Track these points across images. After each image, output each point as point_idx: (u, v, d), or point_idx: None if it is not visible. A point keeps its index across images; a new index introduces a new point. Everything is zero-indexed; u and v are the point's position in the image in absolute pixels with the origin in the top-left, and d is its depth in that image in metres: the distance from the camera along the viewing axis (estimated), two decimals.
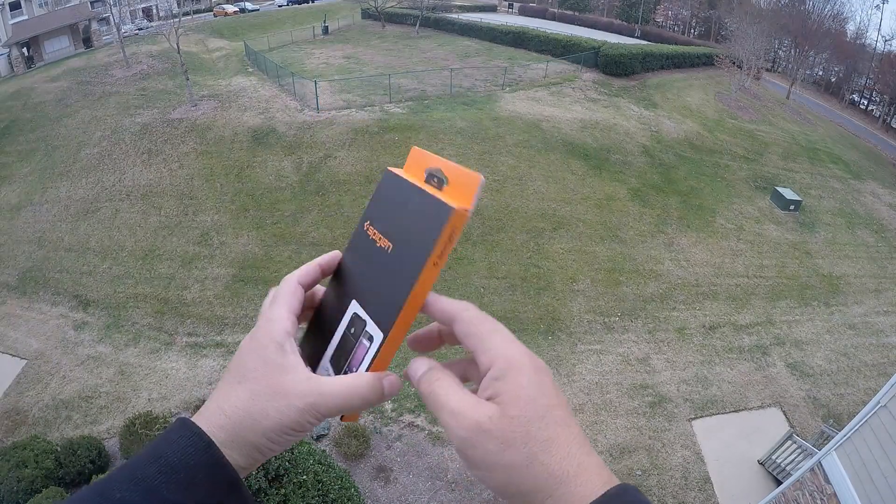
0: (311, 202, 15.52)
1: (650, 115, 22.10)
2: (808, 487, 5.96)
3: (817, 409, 11.23)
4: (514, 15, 46.36)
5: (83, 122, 20.38)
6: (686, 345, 12.53)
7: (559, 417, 0.46)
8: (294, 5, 45.91)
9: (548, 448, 0.45)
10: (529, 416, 0.45)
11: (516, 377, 0.47)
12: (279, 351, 0.51)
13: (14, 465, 8.01)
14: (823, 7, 41.88)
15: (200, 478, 0.44)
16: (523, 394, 0.46)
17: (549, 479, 0.44)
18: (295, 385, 0.50)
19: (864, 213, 20.38)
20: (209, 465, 0.45)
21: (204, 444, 0.46)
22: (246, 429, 0.48)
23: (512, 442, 0.44)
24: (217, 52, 29.00)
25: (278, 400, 0.49)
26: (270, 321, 0.53)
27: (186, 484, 0.43)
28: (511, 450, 0.44)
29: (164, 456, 0.44)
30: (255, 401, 0.49)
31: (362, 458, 9.26)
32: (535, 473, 0.44)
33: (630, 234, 15.68)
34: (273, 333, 0.52)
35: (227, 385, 0.51)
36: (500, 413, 0.45)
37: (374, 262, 0.55)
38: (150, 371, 11.37)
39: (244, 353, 0.52)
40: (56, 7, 32.34)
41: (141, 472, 0.43)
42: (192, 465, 0.44)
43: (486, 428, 0.45)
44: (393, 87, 20.74)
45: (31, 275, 14.36)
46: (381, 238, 0.55)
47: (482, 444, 0.45)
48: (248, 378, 0.50)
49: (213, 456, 0.45)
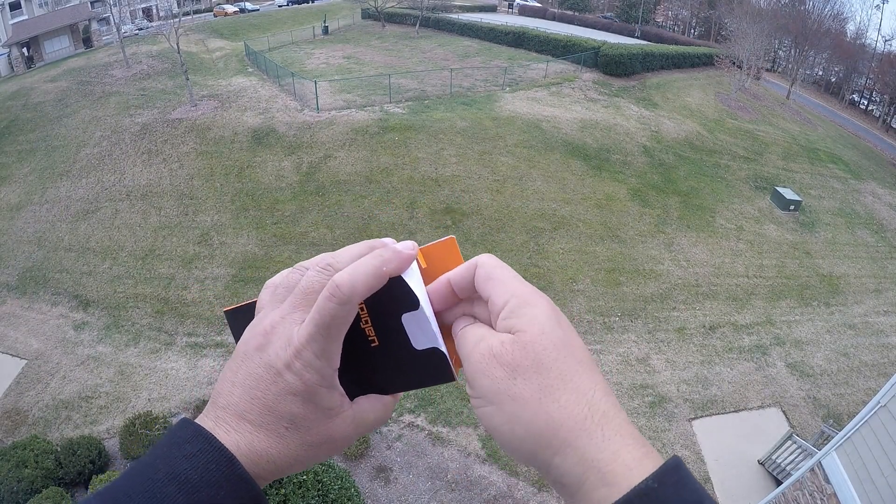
0: (311, 202, 15.52)
1: (650, 115, 22.11)
2: (808, 487, 5.96)
3: (817, 409, 11.23)
4: (514, 15, 46.36)
5: (83, 122, 20.39)
6: (686, 345, 12.53)
7: (578, 355, 0.42)
8: (294, 5, 45.90)
9: (564, 384, 0.40)
10: (543, 345, 0.41)
11: (531, 310, 0.43)
12: (329, 393, 0.46)
13: (14, 465, 8.01)
14: (823, 7, 41.90)
15: (223, 496, 0.40)
16: (537, 323, 0.42)
17: (565, 421, 0.38)
18: (343, 429, 0.47)
19: (864, 213, 20.38)
20: (232, 482, 0.41)
21: (226, 461, 0.41)
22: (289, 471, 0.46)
23: (523, 370, 0.40)
24: (217, 52, 29.00)
25: (327, 446, 0.47)
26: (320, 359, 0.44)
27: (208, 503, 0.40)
28: (521, 378, 0.40)
29: (184, 473, 0.40)
30: (307, 451, 0.46)
31: (362, 458, 9.26)
32: (548, 411, 0.39)
33: (630, 234, 15.68)
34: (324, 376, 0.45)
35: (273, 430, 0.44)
36: (512, 341, 0.42)
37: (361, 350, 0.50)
38: (150, 371, 11.37)
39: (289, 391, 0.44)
40: (56, 7, 32.34)
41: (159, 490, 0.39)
42: (213, 482, 0.40)
43: (496, 352, 0.41)
44: (393, 87, 20.74)
45: (30, 275, 14.36)
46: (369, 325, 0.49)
47: (490, 370, 0.41)
48: (298, 426, 0.45)
49: (237, 472, 0.41)
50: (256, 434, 0.44)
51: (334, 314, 0.43)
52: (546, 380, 0.39)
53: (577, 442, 0.38)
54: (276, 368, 0.44)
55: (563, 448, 0.38)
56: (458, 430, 9.89)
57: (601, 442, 0.38)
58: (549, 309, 0.44)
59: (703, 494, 0.36)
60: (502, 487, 8.96)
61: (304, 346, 0.44)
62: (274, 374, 0.44)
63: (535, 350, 0.40)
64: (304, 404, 0.45)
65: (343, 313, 0.44)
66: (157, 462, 0.41)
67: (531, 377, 0.40)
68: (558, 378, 0.40)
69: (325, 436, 0.46)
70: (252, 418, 0.44)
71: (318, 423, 0.46)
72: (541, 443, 0.39)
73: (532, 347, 0.41)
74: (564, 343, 0.41)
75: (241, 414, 0.44)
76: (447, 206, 15.26)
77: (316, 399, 0.45)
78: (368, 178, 15.93)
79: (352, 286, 0.43)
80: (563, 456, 0.38)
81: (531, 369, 0.40)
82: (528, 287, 0.46)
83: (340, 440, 0.47)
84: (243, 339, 0.47)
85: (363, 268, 0.44)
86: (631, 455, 0.37)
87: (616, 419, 0.39)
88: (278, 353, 0.44)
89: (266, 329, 0.46)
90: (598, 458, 0.37)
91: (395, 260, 0.46)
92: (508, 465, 9.31)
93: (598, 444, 0.37)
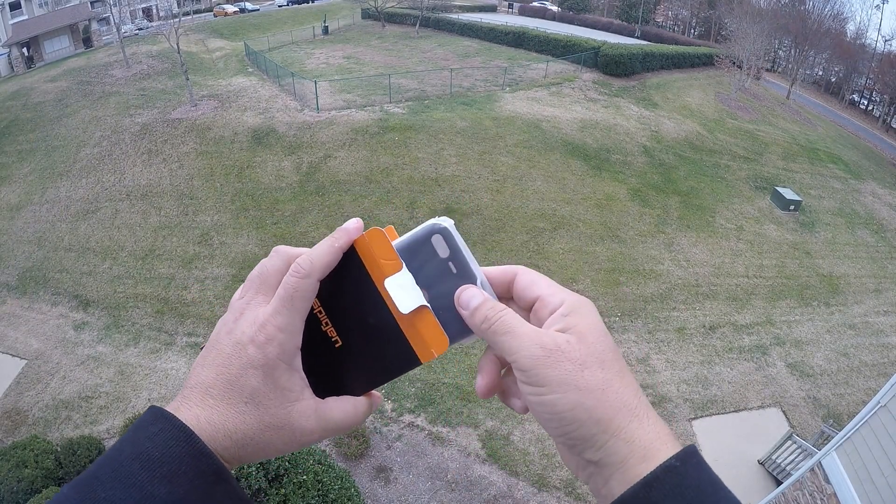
0: (311, 202, 15.52)
1: (650, 115, 22.11)
2: (808, 487, 5.96)
3: (817, 409, 11.23)
4: (514, 15, 46.36)
5: (83, 122, 20.39)
6: (686, 345, 12.53)
7: (621, 357, 0.49)
8: (294, 5, 45.91)
9: (620, 378, 0.47)
10: (604, 347, 0.48)
11: (588, 314, 0.50)
12: (289, 373, 0.49)
13: (14, 465, 8.00)
14: (823, 7, 41.90)
15: (184, 469, 0.43)
16: (596, 329, 0.49)
17: (622, 408, 0.45)
18: (303, 421, 0.49)
19: (864, 213, 20.38)
20: (193, 456, 0.43)
21: (185, 436, 0.44)
22: (248, 453, 0.48)
23: (589, 365, 0.46)
24: (217, 52, 29.00)
25: (286, 432, 0.49)
26: (284, 334, 0.49)
27: (170, 476, 0.42)
28: (588, 372, 0.46)
29: (147, 451, 0.43)
30: (263, 432, 0.48)
31: (362, 458, 9.26)
32: (610, 400, 0.45)
33: (630, 234, 15.68)
34: (285, 350, 0.49)
35: (231, 404, 0.47)
36: (576, 339, 0.48)
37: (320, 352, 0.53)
38: (150, 371, 11.37)
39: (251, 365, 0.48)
40: (56, 7, 32.35)
41: (124, 469, 0.42)
42: (174, 456, 0.43)
43: (565, 349, 0.47)
44: (393, 87, 20.74)
45: (31, 275, 14.36)
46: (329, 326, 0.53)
47: (559, 363, 0.46)
48: (256, 402, 0.48)
49: (196, 447, 0.44)
50: (217, 407, 0.47)
51: (296, 287, 0.49)
52: (607, 374, 0.47)
53: (630, 426, 0.45)
54: (241, 344, 0.48)
55: (618, 431, 0.45)
56: (458, 430, 9.89)
57: (647, 426, 0.46)
58: (598, 314, 0.51)
59: (716, 476, 0.44)
60: (502, 487, 8.96)
61: (268, 320, 0.48)
62: (240, 349, 0.48)
63: (598, 350, 0.48)
64: (264, 379, 0.48)
65: (304, 287, 0.49)
66: (123, 445, 0.44)
67: (596, 372, 0.46)
68: (616, 373, 0.47)
69: (283, 419, 0.48)
70: (215, 392, 0.47)
71: (277, 404, 0.48)
72: (600, 426, 0.45)
73: (595, 347, 0.48)
74: (614, 346, 0.50)
75: (207, 389, 0.48)
76: (447, 205, 15.26)
77: (275, 375, 0.48)
78: (368, 178, 15.93)
79: (310, 262, 0.50)
80: (616, 437, 0.45)
81: (595, 365, 0.47)
82: (574, 293, 0.53)
83: (300, 431, 0.49)
84: (215, 329, 0.51)
85: (319, 247, 0.51)
86: (662, 438, 0.45)
87: (651, 409, 0.47)
88: (244, 330, 0.49)
89: (235, 316, 0.50)
90: (643, 439, 0.45)
91: (344, 236, 0.52)
92: (508, 465, 9.32)
93: (644, 427, 0.45)
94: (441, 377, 10.93)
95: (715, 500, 0.43)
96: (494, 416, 10.14)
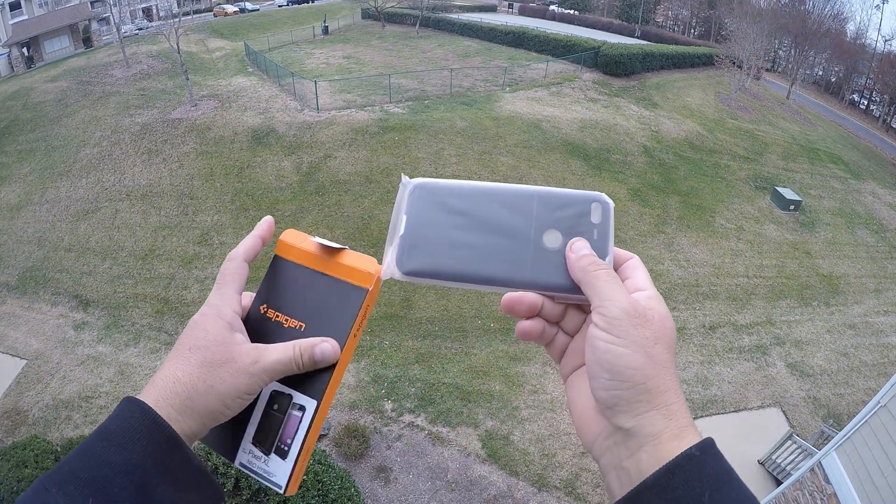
0: (311, 202, 15.52)
1: (650, 115, 22.11)
2: (808, 487, 5.96)
3: (817, 409, 11.23)
4: (514, 15, 46.37)
5: (83, 122, 20.39)
6: (686, 345, 12.53)
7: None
8: (294, 5, 45.91)
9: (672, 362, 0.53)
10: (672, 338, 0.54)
11: (665, 308, 0.55)
12: (227, 329, 0.57)
13: (14, 465, 8.00)
14: (823, 7, 41.89)
15: (138, 437, 0.48)
16: (670, 320, 0.55)
17: (671, 388, 0.50)
18: (244, 357, 0.56)
19: (863, 213, 20.38)
20: (146, 427, 0.49)
21: (141, 410, 0.50)
22: (200, 394, 0.53)
23: (661, 341, 0.52)
24: (217, 52, 29.00)
25: (230, 366, 0.55)
26: (219, 301, 0.59)
27: (125, 444, 0.47)
28: (659, 346, 0.51)
29: (107, 427, 0.49)
30: (208, 368, 0.54)
31: (362, 458, 9.26)
32: (665, 378, 0.50)
33: (630, 234, 15.68)
34: (222, 313, 0.57)
35: (179, 355, 0.55)
36: (659, 317, 0.53)
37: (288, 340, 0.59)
38: (150, 371, 11.36)
39: (194, 328, 0.56)
40: (56, 7, 32.35)
41: (88, 445, 0.47)
42: (129, 428, 0.48)
43: (650, 318, 0.52)
44: (393, 87, 20.74)
45: (30, 275, 14.36)
46: (288, 319, 0.60)
47: (641, 326, 0.51)
48: (199, 348, 0.55)
49: (149, 416, 0.49)
50: (169, 363, 0.55)
51: (226, 268, 0.61)
52: (668, 355, 0.52)
53: (672, 406, 0.50)
54: (194, 319, 0.58)
55: (661, 406, 0.49)
56: (458, 430, 9.89)
57: (684, 411, 0.50)
58: None
59: (731, 467, 0.48)
60: (502, 487, 8.96)
61: (210, 296, 0.60)
62: (192, 323, 0.57)
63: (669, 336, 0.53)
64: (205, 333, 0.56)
65: (231, 267, 0.61)
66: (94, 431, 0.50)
67: (663, 349, 0.51)
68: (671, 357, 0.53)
69: (224, 356, 0.55)
70: (170, 356, 0.56)
71: (217, 347, 0.55)
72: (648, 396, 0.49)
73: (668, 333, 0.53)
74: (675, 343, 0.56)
75: (167, 359, 0.56)
76: None
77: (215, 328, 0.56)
78: (368, 177, 15.93)
79: (236, 249, 0.62)
80: (657, 411, 0.49)
81: (664, 343, 0.52)
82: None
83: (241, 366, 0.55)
84: None
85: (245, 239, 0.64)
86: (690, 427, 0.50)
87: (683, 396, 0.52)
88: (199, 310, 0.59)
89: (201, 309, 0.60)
90: (681, 421, 0.49)
91: (263, 225, 0.65)
92: (508, 465, 9.31)
93: (682, 407, 0.50)
94: (441, 377, 10.94)
95: (730, 488, 0.46)
96: (494, 416, 10.14)
